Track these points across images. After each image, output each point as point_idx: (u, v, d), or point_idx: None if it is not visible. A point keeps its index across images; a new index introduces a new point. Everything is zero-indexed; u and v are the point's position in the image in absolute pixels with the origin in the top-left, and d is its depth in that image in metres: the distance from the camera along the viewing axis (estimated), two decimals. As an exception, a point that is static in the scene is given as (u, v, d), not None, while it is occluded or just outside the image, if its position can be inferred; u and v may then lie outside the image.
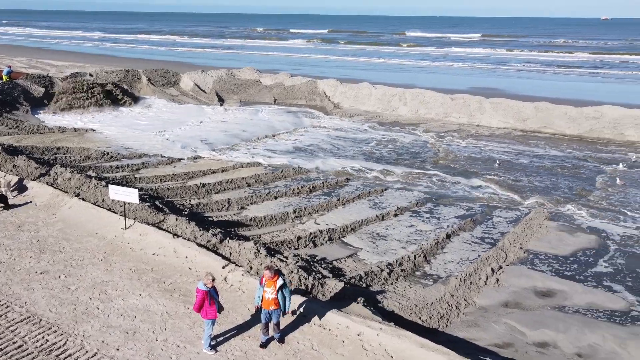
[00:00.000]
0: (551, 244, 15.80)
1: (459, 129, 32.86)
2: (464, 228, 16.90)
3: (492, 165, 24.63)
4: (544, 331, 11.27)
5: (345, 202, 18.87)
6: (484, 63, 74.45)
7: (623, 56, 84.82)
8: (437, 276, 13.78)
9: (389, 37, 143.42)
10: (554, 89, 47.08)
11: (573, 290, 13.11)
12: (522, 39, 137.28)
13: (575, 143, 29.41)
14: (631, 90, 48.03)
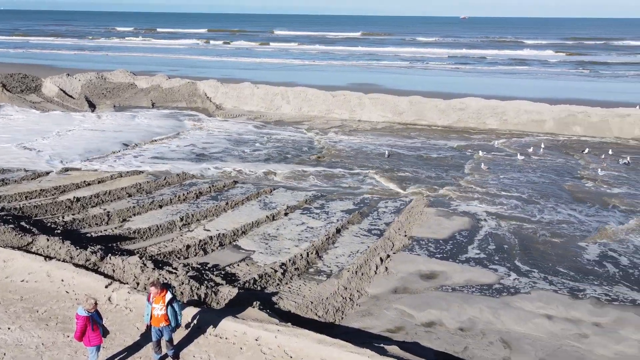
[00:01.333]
0: (431, 229, 16.95)
1: (342, 124, 33.97)
2: (352, 221, 17.48)
3: (376, 158, 25.81)
4: (430, 311, 12.04)
5: (234, 205, 18.55)
6: (363, 60, 77.74)
7: (482, 51, 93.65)
8: (330, 271, 14.10)
9: (268, 35, 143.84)
10: (425, 83, 50.59)
11: (452, 270, 14.17)
12: (395, 37, 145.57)
13: (446, 133, 31.87)
14: (490, 83, 53.19)
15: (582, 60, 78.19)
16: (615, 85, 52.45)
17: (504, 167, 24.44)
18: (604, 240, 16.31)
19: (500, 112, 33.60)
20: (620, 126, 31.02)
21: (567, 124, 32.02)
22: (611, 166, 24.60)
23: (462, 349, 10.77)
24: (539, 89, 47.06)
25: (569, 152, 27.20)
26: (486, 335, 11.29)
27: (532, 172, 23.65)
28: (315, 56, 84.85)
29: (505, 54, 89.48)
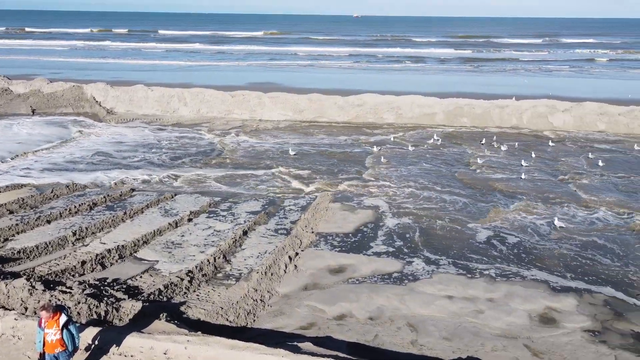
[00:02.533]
0: (337, 223, 17.30)
1: (243, 125, 33.57)
2: (259, 222, 17.33)
3: (279, 157, 25.81)
4: (341, 304, 12.28)
5: (133, 214, 17.57)
6: (263, 60, 77.35)
7: (377, 50, 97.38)
8: (240, 274, 13.86)
9: (155, 36, 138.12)
10: (324, 81, 51.50)
11: (360, 262, 14.58)
12: (293, 36, 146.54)
13: (346, 129, 32.71)
14: (385, 79, 55.46)
15: (467, 57, 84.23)
16: (495, 79, 57.16)
17: (402, 159, 25.63)
18: (493, 222, 17.69)
19: (396, 106, 35.19)
20: (500, 116, 33.86)
21: (456, 115, 34.31)
22: (493, 153, 26.78)
23: (373, 337, 11.12)
24: (430, 84, 49.93)
25: (457, 142, 29.16)
26: (394, 321, 11.75)
27: (427, 162, 25.04)
28: (212, 56, 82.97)
29: (399, 52, 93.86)
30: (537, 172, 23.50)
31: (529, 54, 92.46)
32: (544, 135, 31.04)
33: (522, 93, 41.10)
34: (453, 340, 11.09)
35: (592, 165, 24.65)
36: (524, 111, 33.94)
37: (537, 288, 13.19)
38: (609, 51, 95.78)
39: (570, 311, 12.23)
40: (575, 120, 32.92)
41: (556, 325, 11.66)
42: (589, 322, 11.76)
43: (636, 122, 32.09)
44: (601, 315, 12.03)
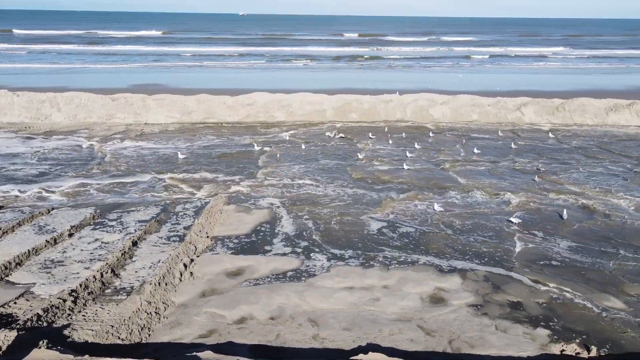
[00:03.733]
0: (233, 225, 16.99)
1: (127, 129, 31.69)
2: (149, 231, 16.46)
3: (168, 161, 24.73)
4: (241, 307, 12.06)
5: (2, 234, 15.78)
6: (147, 61, 73.56)
7: (265, 49, 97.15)
8: (131, 287, 13.05)
9: (9, 36, 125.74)
10: (212, 81, 50.34)
11: (258, 262, 14.44)
12: (180, 35, 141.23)
13: (237, 129, 32.25)
14: (274, 78, 55.58)
15: (354, 55, 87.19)
16: (380, 75, 59.87)
17: (295, 156, 25.85)
18: (385, 212, 18.47)
19: (286, 104, 35.41)
20: (386, 110, 35.54)
21: (345, 111, 35.36)
22: (382, 146, 28.03)
23: (275, 337, 11.06)
24: (319, 81, 50.95)
25: (348, 137, 30.08)
26: (295, 318, 11.80)
27: (320, 158, 25.51)
28: (88, 57, 77.28)
29: (288, 50, 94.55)
30: (421, 162, 25.00)
31: (412, 50, 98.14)
32: (426, 127, 33.10)
33: (405, 88, 43.50)
34: (353, 329, 11.40)
35: (468, 152, 26.76)
36: (407, 105, 35.93)
37: (426, 271, 14.01)
38: (482, 48, 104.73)
39: (456, 289, 13.15)
40: (452, 112, 35.53)
41: (444, 304, 12.48)
42: (472, 298, 12.74)
43: (502, 112, 35.43)
44: (482, 290, 13.09)
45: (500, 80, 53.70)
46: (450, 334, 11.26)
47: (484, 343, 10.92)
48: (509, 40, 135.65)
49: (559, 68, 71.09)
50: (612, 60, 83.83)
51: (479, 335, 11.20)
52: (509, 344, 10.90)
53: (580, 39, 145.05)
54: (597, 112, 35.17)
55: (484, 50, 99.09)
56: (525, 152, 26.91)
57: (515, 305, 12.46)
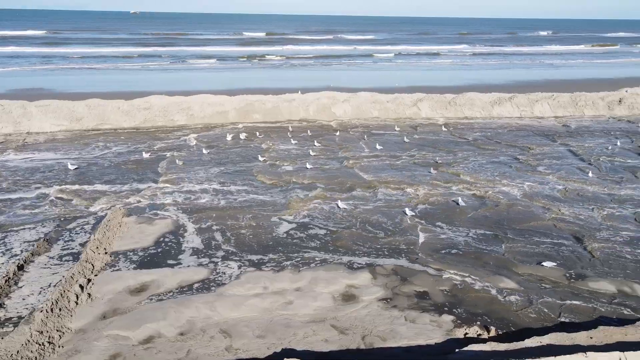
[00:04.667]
0: (134, 238, 16.01)
1: (6, 140, 28.71)
2: (38, 252, 15.00)
3: (57, 174, 22.75)
4: (146, 326, 11.37)
5: None
6: (26, 65, 67.25)
7: (162, 49, 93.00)
8: (18, 317, 11.79)
9: None
10: (104, 84, 47.27)
11: (164, 275, 13.73)
12: (68, 34, 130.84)
13: (134, 135, 30.53)
14: (171, 79, 53.44)
15: (254, 54, 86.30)
16: (281, 74, 59.87)
17: (198, 161, 25.00)
18: (293, 213, 18.43)
19: (186, 107, 34.16)
20: (289, 110, 35.58)
21: (248, 112, 34.87)
22: (286, 146, 28.01)
23: (185, 354, 10.56)
24: (219, 82, 49.81)
25: (252, 138, 29.68)
26: (206, 331, 11.36)
27: (224, 161, 24.90)
28: (-44, 60, 69.14)
29: (185, 50, 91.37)
30: (326, 160, 25.32)
31: (314, 49, 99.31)
32: (330, 125, 33.61)
33: (308, 86, 43.88)
34: (267, 336, 11.21)
35: (371, 148, 27.57)
36: (310, 103, 36.24)
37: (337, 270, 14.17)
38: (383, 46, 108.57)
39: (366, 285, 13.44)
40: (353, 109, 36.43)
41: (356, 301, 12.69)
42: (382, 292, 13.09)
43: (401, 108, 37.00)
44: (391, 284, 13.51)
45: (399, 77, 56.11)
46: (363, 329, 11.47)
47: (395, 335, 11.26)
48: (408, 38, 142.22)
49: (451, 65, 75.81)
50: (498, 56, 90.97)
51: (390, 328, 11.53)
52: (418, 333, 11.34)
53: (471, 37, 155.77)
54: (484, 105, 37.92)
55: (386, 48, 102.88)
56: (424, 146, 28.30)
57: (422, 295, 13.00)
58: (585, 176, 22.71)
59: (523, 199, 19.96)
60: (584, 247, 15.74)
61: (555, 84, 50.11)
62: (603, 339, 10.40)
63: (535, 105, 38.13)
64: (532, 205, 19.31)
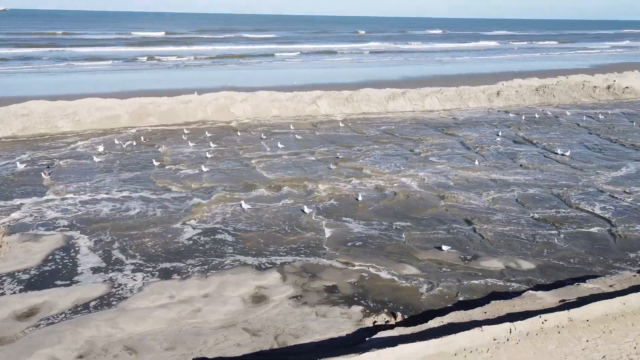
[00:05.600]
0: (19, 259, 14.57)
1: None
2: None
3: None
4: (39, 353, 10.40)
5: None
6: None
7: (41, 49, 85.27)
8: None
9: None
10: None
11: (57, 296, 12.65)
12: None
13: (11, 145, 27.72)
14: (50, 82, 49.31)
15: (145, 54, 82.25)
16: (176, 74, 57.71)
17: (89, 170, 23.32)
18: (197, 218, 17.86)
19: (72, 112, 31.71)
20: (186, 112, 34.41)
21: (141, 115, 33.19)
22: (185, 149, 27.09)
23: (86, 378, 9.83)
24: (107, 84, 46.88)
25: (149, 143, 28.29)
26: (109, 350, 10.66)
27: (118, 169, 23.46)
28: None
29: (66, 51, 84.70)
30: (227, 162, 24.86)
31: (212, 49, 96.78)
32: (230, 126, 33.02)
33: (205, 87, 42.78)
34: (176, 347, 10.78)
35: (272, 147, 27.53)
36: (207, 104, 35.34)
37: (245, 272, 13.99)
38: (283, 45, 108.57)
39: (276, 285, 13.41)
40: (253, 109, 36.13)
41: (267, 301, 12.62)
42: (292, 290, 13.14)
43: (300, 106, 37.36)
44: (300, 281, 13.61)
45: (298, 76, 56.58)
46: (276, 329, 11.43)
47: (307, 331, 11.35)
48: (307, 37, 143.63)
49: (349, 62, 77.94)
50: (392, 54, 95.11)
51: (302, 324, 11.61)
52: (329, 327, 11.53)
53: (368, 35, 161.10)
54: (379, 101, 39.50)
55: (285, 47, 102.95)
56: (325, 142, 28.82)
57: (332, 289, 13.25)
58: (472, 164, 24.53)
59: (419, 189, 21.09)
60: (475, 230, 17.01)
61: (443, 79, 53.54)
62: (495, 312, 11.32)
63: (426, 100, 40.46)
64: (427, 194, 20.48)
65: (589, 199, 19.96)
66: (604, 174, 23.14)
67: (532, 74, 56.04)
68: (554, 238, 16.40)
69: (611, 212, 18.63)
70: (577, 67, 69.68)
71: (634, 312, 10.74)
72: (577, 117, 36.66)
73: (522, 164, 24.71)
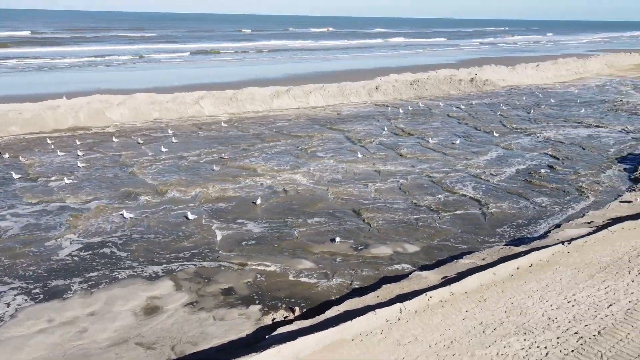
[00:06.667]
0: None
1: None
2: None
3: None
4: None
5: None
6: None
7: None
8: None
9: None
10: None
11: None
12: None
13: None
14: None
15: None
16: (41, 77, 52.62)
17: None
18: (72, 232, 16.50)
19: None
20: (55, 118, 31.57)
21: (1, 125, 29.81)
22: (52, 159, 24.90)
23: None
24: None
25: (12, 155, 25.52)
26: (-21, 388, 9.51)
27: (-24, 185, 20.90)
28: None
29: None
30: (106, 169, 23.29)
31: (80, 49, 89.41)
32: (106, 132, 30.90)
33: (73, 90, 39.58)
34: (61, 374, 9.92)
35: (155, 151, 26.29)
36: (79, 109, 32.75)
37: (134, 284, 13.26)
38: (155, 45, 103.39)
39: (169, 293, 12.90)
40: (131, 112, 34.19)
41: (160, 312, 12.09)
42: (187, 297, 12.73)
43: (182, 107, 36.12)
44: (195, 286, 13.23)
45: (179, 76, 54.51)
46: (172, 339, 11.01)
47: (206, 337, 11.09)
48: (186, 36, 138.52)
49: (232, 61, 76.73)
50: (276, 52, 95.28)
51: (200, 331, 11.31)
52: (228, 330, 11.37)
53: (251, 34, 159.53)
54: (264, 99, 39.52)
55: (162, 47, 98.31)
56: (211, 143, 28.18)
57: (228, 292, 13.06)
58: (356, 156, 25.59)
59: (309, 184, 21.52)
60: (363, 219, 17.80)
61: (325, 76, 55.00)
62: (387, 295, 11.97)
63: (310, 96, 41.31)
64: (317, 188, 20.98)
65: (462, 182, 21.84)
66: (473, 159, 25.45)
67: (406, 69, 59.68)
68: (434, 221, 17.71)
69: (481, 193, 20.57)
70: (446, 62, 75.59)
71: (503, 281, 12.00)
72: (447, 108, 39.85)
73: (403, 154, 26.31)
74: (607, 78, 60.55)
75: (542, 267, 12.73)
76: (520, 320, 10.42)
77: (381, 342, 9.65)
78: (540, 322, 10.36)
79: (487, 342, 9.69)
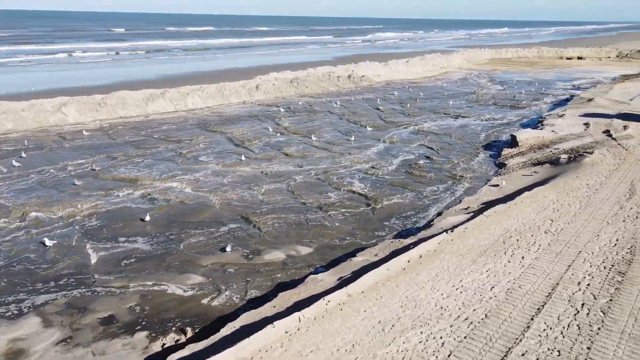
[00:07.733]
0: None
1: None
2: None
3: None
4: None
5: None
6: None
7: None
8: None
9: None
10: None
11: None
12: None
13: None
14: None
15: None
16: None
17: None
18: None
19: None
20: None
21: None
22: None
23: None
24: None
25: None
26: None
27: None
28: None
29: None
30: None
31: None
32: (-54, 147, 26.57)
33: None
34: None
35: (9, 168, 23.16)
36: None
37: None
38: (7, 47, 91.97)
39: (36, 332, 11.21)
40: (-22, 123, 29.85)
41: (26, 355, 10.43)
42: (58, 333, 11.16)
43: (42, 115, 32.37)
44: (67, 320, 11.65)
45: (33, 80, 48.94)
46: (41, 387, 9.51)
47: (83, 378, 9.74)
48: (40, 35, 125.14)
49: (99, 63, 70.77)
50: (154, 53, 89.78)
51: (76, 372, 9.92)
52: (111, 365, 10.12)
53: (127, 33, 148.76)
54: (137, 103, 36.87)
55: (12, 49, 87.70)
56: (79, 154, 25.50)
57: (108, 320, 11.68)
58: (241, 159, 24.80)
59: (192, 192, 20.33)
60: (253, 225, 17.16)
61: (205, 76, 53.01)
62: (284, 303, 11.51)
63: (188, 98, 39.44)
64: (201, 195, 19.88)
65: (348, 179, 22.12)
66: (357, 155, 25.97)
67: (286, 67, 59.78)
68: (324, 220, 17.63)
69: (367, 188, 20.98)
70: (323, 59, 77.19)
71: (396, 275, 12.16)
72: (328, 105, 40.49)
73: (288, 154, 26.05)
74: (467, 72, 66.12)
75: (430, 257, 13.14)
76: (415, 314, 10.58)
77: (282, 357, 9.16)
78: (434, 313, 10.60)
79: (387, 340, 9.66)
